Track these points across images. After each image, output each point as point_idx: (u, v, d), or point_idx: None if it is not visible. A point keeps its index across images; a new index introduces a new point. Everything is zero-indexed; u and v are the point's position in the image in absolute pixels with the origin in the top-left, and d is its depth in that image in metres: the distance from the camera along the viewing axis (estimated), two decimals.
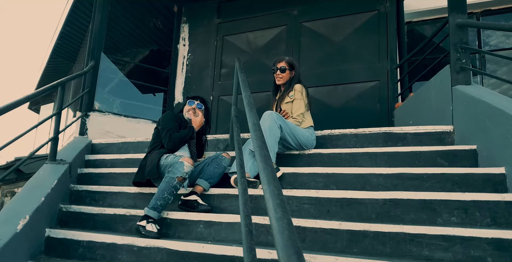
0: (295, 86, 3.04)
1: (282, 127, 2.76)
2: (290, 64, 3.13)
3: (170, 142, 2.73)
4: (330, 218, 2.24)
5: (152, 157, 2.68)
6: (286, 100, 3.06)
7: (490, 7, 5.08)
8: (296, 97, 2.99)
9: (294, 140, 2.88)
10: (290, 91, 3.05)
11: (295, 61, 3.18)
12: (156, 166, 2.59)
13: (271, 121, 2.70)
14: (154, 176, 2.58)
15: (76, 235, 2.42)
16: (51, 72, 9.25)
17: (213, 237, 2.30)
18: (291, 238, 0.79)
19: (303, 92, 3.01)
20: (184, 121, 2.98)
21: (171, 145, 2.74)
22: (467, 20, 3.03)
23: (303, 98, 3.00)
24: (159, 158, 2.63)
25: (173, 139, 2.74)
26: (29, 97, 2.70)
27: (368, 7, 4.62)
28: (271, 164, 1.16)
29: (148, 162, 2.66)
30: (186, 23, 5.63)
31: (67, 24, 6.84)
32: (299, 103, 2.98)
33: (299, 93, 3.00)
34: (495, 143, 2.37)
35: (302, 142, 2.90)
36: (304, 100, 3.01)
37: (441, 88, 3.13)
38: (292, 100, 3.01)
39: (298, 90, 3.01)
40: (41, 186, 2.72)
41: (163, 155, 2.65)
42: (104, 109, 4.42)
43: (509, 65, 4.95)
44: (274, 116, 2.73)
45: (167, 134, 2.76)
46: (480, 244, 1.77)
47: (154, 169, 2.58)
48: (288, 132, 2.82)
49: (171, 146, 2.74)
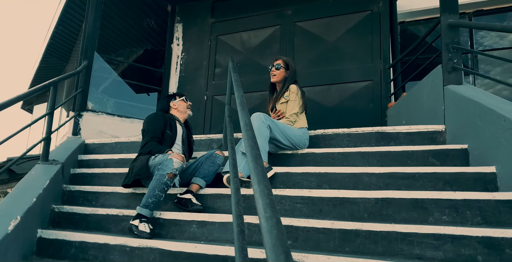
0: (290, 87, 3.05)
1: (271, 127, 2.78)
2: (286, 63, 3.16)
3: (146, 148, 2.73)
4: (323, 217, 2.25)
5: (141, 158, 2.67)
6: (281, 100, 3.08)
7: (482, 8, 5.11)
8: (290, 98, 3.02)
9: (286, 139, 2.89)
10: (285, 91, 3.07)
11: (292, 62, 3.20)
12: (145, 166, 2.58)
13: (259, 122, 2.72)
14: (144, 176, 2.57)
15: (69, 236, 2.41)
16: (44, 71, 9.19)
17: (206, 237, 2.30)
18: (280, 237, 0.80)
19: (298, 93, 3.03)
20: (172, 119, 2.95)
21: (144, 150, 2.74)
22: (458, 20, 3.06)
23: (298, 99, 3.01)
24: (148, 158, 2.62)
25: (147, 146, 2.72)
26: (21, 97, 2.69)
27: (361, 7, 4.63)
28: (262, 163, 1.17)
29: (137, 162, 2.65)
30: (180, 23, 5.61)
31: (60, 23, 6.79)
32: (293, 104, 3.00)
33: (293, 94, 3.01)
34: (486, 142, 2.39)
35: (294, 141, 2.91)
36: (299, 101, 3.02)
37: (433, 88, 3.15)
38: (287, 100, 3.03)
39: (293, 92, 3.02)
40: (33, 186, 2.70)
41: (151, 156, 2.64)
42: (97, 109, 4.39)
43: (502, 65, 4.99)
44: (262, 117, 2.75)
45: (148, 137, 2.76)
46: (471, 242, 1.79)
47: (144, 168, 2.57)
48: (278, 131, 2.83)
49: (143, 150, 2.75)
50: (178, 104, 3.05)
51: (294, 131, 2.93)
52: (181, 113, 3.05)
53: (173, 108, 3.05)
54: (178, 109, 3.04)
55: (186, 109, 3.05)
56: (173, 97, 3.09)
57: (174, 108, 3.05)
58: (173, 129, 2.88)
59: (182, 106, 3.05)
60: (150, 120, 2.86)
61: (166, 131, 2.83)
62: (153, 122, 2.82)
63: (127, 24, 5.87)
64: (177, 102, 3.05)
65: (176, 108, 3.04)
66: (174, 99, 3.07)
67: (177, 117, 3.02)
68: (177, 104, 3.05)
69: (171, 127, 2.87)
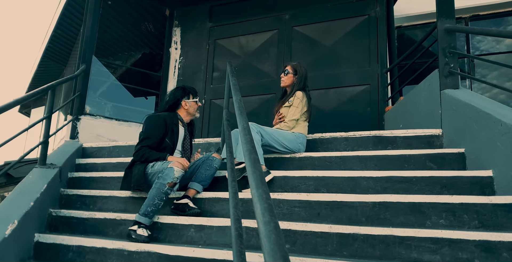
0: (296, 93, 3.07)
1: (262, 134, 2.81)
2: (294, 69, 3.18)
3: (137, 155, 2.62)
4: (321, 221, 2.25)
5: (138, 166, 2.61)
6: (285, 104, 3.11)
7: (478, 12, 5.16)
8: (293, 104, 3.03)
9: (279, 145, 2.91)
10: (291, 97, 3.08)
11: (302, 68, 3.19)
12: (143, 175, 2.56)
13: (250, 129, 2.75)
14: (143, 186, 2.53)
15: (66, 240, 2.40)
16: (42, 75, 9.18)
17: (204, 241, 2.29)
18: (278, 242, 0.80)
19: (302, 100, 3.04)
20: (175, 123, 2.75)
21: (136, 157, 2.63)
22: (455, 25, 3.08)
23: (301, 106, 3.02)
24: (145, 166, 2.59)
25: (141, 154, 2.60)
26: (18, 101, 2.68)
27: (358, 12, 4.66)
28: (260, 168, 1.17)
29: (134, 171, 2.61)
30: (178, 27, 5.63)
31: (59, 27, 6.80)
32: (295, 110, 3.02)
33: (297, 100, 3.03)
34: (483, 146, 2.41)
35: (287, 146, 2.92)
36: (302, 108, 3.03)
37: (430, 92, 3.17)
38: (290, 105, 3.05)
39: (297, 97, 3.04)
40: (30, 190, 2.70)
41: (148, 164, 2.59)
42: (95, 113, 4.40)
43: (499, 69, 5.02)
44: (252, 125, 2.78)
45: (141, 144, 2.63)
46: (468, 246, 1.80)
47: (142, 178, 2.55)
48: (269, 138, 2.85)
49: (135, 158, 2.64)
50: (190, 105, 2.84)
51: (286, 135, 2.94)
52: (189, 114, 2.87)
53: (183, 107, 2.84)
54: (188, 110, 2.84)
55: (195, 112, 2.88)
56: (187, 95, 2.85)
57: (184, 108, 2.84)
58: (174, 136, 2.73)
59: (193, 108, 2.86)
60: (151, 125, 2.68)
61: (165, 140, 2.69)
62: (153, 129, 2.66)
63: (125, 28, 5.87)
64: (190, 102, 2.84)
65: (186, 109, 2.84)
66: (188, 98, 2.84)
67: (181, 117, 2.84)
68: (189, 104, 2.84)
69: (172, 134, 2.72)
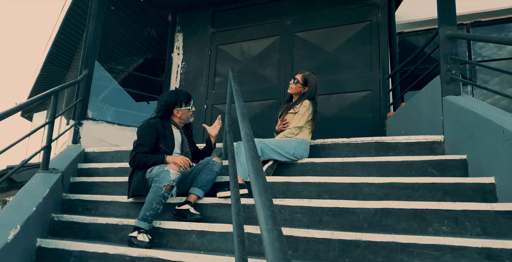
0: (304, 101, 3.08)
1: (263, 149, 2.83)
2: (304, 80, 3.16)
3: (134, 162, 2.62)
4: (323, 228, 2.25)
5: (138, 173, 2.63)
6: (291, 111, 3.12)
7: (480, 19, 5.17)
8: (299, 111, 3.05)
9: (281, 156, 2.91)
10: (298, 104, 3.10)
11: (314, 80, 3.18)
12: (141, 181, 2.57)
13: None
14: (142, 191, 2.54)
15: (68, 245, 2.40)
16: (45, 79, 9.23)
17: (205, 247, 2.29)
18: (282, 250, 0.81)
19: (309, 109, 3.05)
20: (167, 127, 2.77)
21: (133, 164, 2.63)
22: (456, 32, 3.09)
23: (307, 115, 3.03)
24: (144, 172, 2.60)
25: (137, 160, 2.60)
26: (21, 106, 2.71)
27: (360, 18, 4.68)
28: (263, 174, 1.18)
29: (134, 177, 2.64)
30: (180, 32, 5.66)
31: (61, 32, 6.84)
32: (300, 118, 3.03)
33: (304, 108, 3.04)
34: (485, 153, 2.41)
35: (290, 154, 2.93)
36: (308, 117, 3.04)
37: (431, 99, 3.18)
38: (296, 112, 3.06)
39: (304, 105, 3.06)
40: (32, 195, 2.70)
41: (147, 169, 2.61)
42: (97, 118, 4.41)
43: (501, 75, 5.03)
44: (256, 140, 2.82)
45: (135, 151, 2.64)
46: (470, 253, 1.79)
47: (141, 184, 2.56)
48: (271, 151, 2.87)
49: (132, 165, 2.65)
50: (183, 112, 2.83)
51: (287, 143, 2.95)
52: (182, 120, 2.87)
53: (176, 116, 2.84)
54: (180, 117, 2.84)
55: (189, 118, 2.88)
56: (179, 104, 2.80)
57: (176, 116, 2.84)
58: (167, 140, 2.73)
59: (186, 115, 2.86)
60: (141, 133, 2.70)
61: (159, 145, 2.69)
62: (145, 137, 2.67)
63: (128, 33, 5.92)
64: (182, 110, 2.82)
65: (178, 116, 2.84)
66: (180, 106, 2.81)
67: (174, 122, 2.85)
68: (181, 112, 2.83)
69: (165, 138, 2.72)
